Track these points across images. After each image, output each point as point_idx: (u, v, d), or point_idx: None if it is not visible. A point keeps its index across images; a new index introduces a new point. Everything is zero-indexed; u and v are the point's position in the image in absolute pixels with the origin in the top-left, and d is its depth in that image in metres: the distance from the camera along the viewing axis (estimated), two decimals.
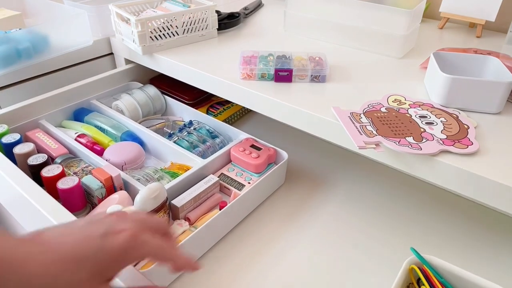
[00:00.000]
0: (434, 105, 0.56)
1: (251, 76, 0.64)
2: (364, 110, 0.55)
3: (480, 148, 0.47)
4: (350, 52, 0.75)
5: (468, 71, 0.61)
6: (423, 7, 0.75)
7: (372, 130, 0.50)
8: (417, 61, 0.72)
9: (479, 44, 0.82)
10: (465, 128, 0.51)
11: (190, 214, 0.62)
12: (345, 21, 0.76)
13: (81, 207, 0.61)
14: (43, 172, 0.60)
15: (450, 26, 0.91)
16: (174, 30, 0.76)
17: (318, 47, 0.77)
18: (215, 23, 0.81)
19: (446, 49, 0.73)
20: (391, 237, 0.63)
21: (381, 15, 0.71)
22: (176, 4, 0.83)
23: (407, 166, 0.49)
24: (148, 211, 0.56)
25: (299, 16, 0.81)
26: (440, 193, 0.72)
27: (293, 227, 0.64)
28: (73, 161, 0.66)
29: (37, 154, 0.65)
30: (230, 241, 0.62)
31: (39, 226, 0.34)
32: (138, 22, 0.71)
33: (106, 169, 0.62)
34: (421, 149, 0.46)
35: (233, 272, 0.57)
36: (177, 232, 0.59)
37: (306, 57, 0.67)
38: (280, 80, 0.63)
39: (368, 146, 0.48)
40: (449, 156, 0.46)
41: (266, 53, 0.68)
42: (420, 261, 0.49)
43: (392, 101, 0.57)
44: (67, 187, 0.58)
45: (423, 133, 0.49)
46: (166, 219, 0.60)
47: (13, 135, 0.67)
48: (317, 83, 0.63)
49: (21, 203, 0.55)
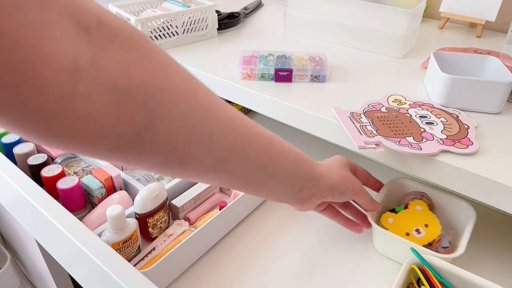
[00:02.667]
0: (434, 105, 0.56)
1: (251, 76, 0.64)
2: (364, 110, 0.55)
3: (480, 148, 0.47)
4: (350, 52, 0.75)
5: (468, 71, 0.61)
6: (423, 7, 0.75)
7: (372, 130, 0.50)
8: (417, 61, 0.72)
9: (479, 44, 0.82)
10: (465, 128, 0.51)
11: (190, 214, 0.62)
12: (345, 21, 0.76)
13: (81, 207, 0.61)
14: (43, 172, 0.60)
15: (450, 26, 0.91)
16: (174, 30, 0.76)
17: (318, 47, 0.77)
18: (215, 23, 0.81)
19: (446, 49, 0.73)
20: None
21: (381, 15, 0.71)
22: (176, 4, 0.83)
23: (407, 166, 0.49)
24: (148, 211, 0.56)
25: (299, 16, 0.81)
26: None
27: (293, 227, 0.64)
28: (73, 161, 0.66)
29: (37, 154, 0.65)
30: (230, 241, 0.62)
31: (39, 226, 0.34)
32: (138, 22, 0.71)
33: (106, 169, 0.62)
34: (421, 149, 0.46)
35: (233, 272, 0.57)
36: (177, 232, 0.59)
37: (306, 57, 0.67)
38: (280, 80, 0.63)
39: (368, 146, 0.48)
40: (449, 156, 0.46)
41: (266, 53, 0.68)
42: (420, 261, 0.49)
43: (392, 101, 0.57)
44: (67, 187, 0.58)
45: (423, 133, 0.49)
46: (166, 219, 0.60)
47: (13, 135, 0.67)
48: (317, 83, 0.63)
49: (21, 203, 0.55)
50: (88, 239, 0.48)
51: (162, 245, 0.57)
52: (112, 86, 0.24)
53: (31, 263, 0.99)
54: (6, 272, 1.09)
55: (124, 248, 0.52)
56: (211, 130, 0.31)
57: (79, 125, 0.23)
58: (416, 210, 0.57)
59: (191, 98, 0.29)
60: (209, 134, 0.31)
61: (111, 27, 0.25)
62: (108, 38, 0.24)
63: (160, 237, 0.58)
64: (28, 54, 0.19)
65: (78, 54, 0.22)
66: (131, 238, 0.53)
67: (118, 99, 0.24)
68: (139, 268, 0.52)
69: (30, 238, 0.81)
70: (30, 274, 1.10)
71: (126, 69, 0.25)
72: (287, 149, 0.40)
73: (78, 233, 0.49)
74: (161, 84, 0.27)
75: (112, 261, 0.46)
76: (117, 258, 0.46)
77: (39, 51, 0.20)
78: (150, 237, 0.58)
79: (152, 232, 0.58)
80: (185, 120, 0.29)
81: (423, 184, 0.62)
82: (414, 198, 0.59)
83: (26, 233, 0.82)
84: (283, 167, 0.39)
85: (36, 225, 0.58)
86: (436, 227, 0.55)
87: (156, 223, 0.57)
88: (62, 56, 0.21)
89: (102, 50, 0.23)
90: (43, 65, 0.20)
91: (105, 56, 0.23)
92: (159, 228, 0.58)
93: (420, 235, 0.54)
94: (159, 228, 0.58)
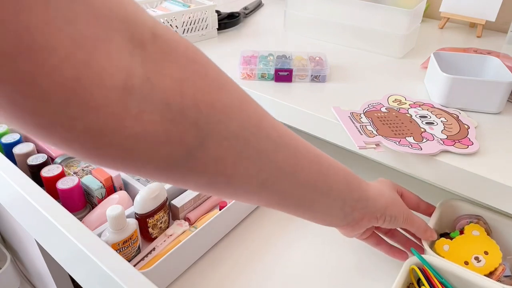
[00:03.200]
0: (435, 105, 0.56)
1: (251, 76, 0.64)
2: (364, 110, 0.55)
3: (480, 148, 0.47)
4: (350, 52, 0.75)
5: (469, 71, 0.61)
6: (423, 7, 0.75)
7: (372, 130, 0.50)
8: (418, 61, 0.71)
9: (479, 44, 0.82)
10: (466, 128, 0.51)
11: (190, 214, 0.62)
12: (345, 21, 0.76)
13: (81, 207, 0.61)
14: (43, 172, 0.60)
15: (451, 26, 0.91)
16: (174, 30, 0.76)
17: (318, 47, 0.77)
18: (215, 23, 0.81)
19: (447, 49, 0.73)
20: None
21: (381, 15, 0.71)
22: (176, 4, 0.83)
23: (407, 166, 0.49)
24: (148, 211, 0.56)
25: (299, 16, 0.81)
26: (440, 193, 0.72)
27: (293, 227, 0.64)
28: (73, 161, 0.66)
29: (37, 154, 0.65)
30: (230, 241, 0.61)
31: (39, 226, 0.34)
32: None
33: (106, 169, 0.62)
34: (421, 149, 0.46)
35: (233, 272, 0.57)
36: (177, 232, 0.58)
37: (306, 57, 0.67)
38: (280, 80, 0.63)
39: (368, 146, 0.48)
40: (449, 156, 0.46)
41: (266, 53, 0.68)
42: (420, 261, 0.49)
43: (392, 101, 0.57)
44: (67, 187, 0.58)
45: (424, 133, 0.49)
46: (166, 220, 0.60)
47: (13, 135, 0.67)
48: (317, 83, 0.63)
49: (21, 203, 0.55)
50: (88, 239, 0.48)
51: (162, 245, 0.57)
52: (164, 104, 0.23)
53: (31, 263, 0.99)
54: (6, 272, 1.09)
55: (124, 248, 0.52)
56: (261, 149, 0.29)
57: (129, 145, 0.22)
58: (473, 235, 0.53)
59: (243, 115, 0.28)
60: (259, 153, 0.29)
61: (166, 40, 0.23)
62: (163, 53, 0.23)
63: (160, 237, 0.58)
64: (78, 71, 0.18)
65: (131, 71, 0.21)
66: (131, 238, 0.53)
67: (169, 118, 0.23)
68: (139, 268, 0.52)
69: (30, 238, 0.81)
70: (30, 274, 1.10)
71: (179, 87, 0.23)
72: (336, 167, 0.38)
73: (78, 233, 0.49)
74: (214, 101, 0.25)
75: (112, 261, 0.45)
76: (117, 258, 0.46)
77: (90, 68, 0.19)
78: (150, 237, 0.58)
79: (152, 232, 0.58)
80: (236, 138, 0.27)
81: (478, 206, 0.56)
82: (470, 221, 0.55)
83: (26, 233, 0.82)
84: (333, 187, 0.37)
85: (36, 225, 0.58)
86: (497, 254, 0.50)
87: (156, 223, 0.57)
88: (114, 74, 0.20)
89: (156, 67, 0.22)
90: (93, 83, 0.19)
91: (159, 73, 0.22)
92: (159, 228, 0.58)
93: (480, 263, 0.50)
94: (159, 228, 0.58)
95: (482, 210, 0.56)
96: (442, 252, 0.52)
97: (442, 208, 0.57)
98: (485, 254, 0.50)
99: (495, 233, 0.55)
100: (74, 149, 0.22)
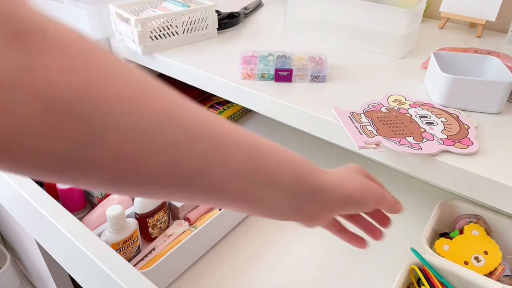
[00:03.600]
0: (435, 105, 0.56)
1: (251, 76, 0.64)
2: (364, 110, 0.55)
3: (480, 148, 0.47)
4: (350, 52, 0.75)
5: (469, 71, 0.61)
6: (423, 7, 0.75)
7: (372, 130, 0.50)
8: (418, 61, 0.71)
9: (479, 44, 0.82)
10: (466, 128, 0.51)
11: (190, 214, 0.62)
12: (345, 21, 0.76)
13: (80, 207, 0.61)
14: None
15: (451, 26, 0.91)
16: (174, 30, 0.76)
17: (318, 47, 0.77)
18: (215, 23, 0.81)
19: (447, 49, 0.73)
20: (391, 237, 0.63)
21: (381, 15, 0.71)
22: (176, 4, 0.83)
23: (407, 166, 0.49)
24: (148, 211, 0.56)
25: (299, 16, 0.81)
26: (440, 193, 0.72)
27: (293, 227, 0.64)
28: None
29: None
30: (230, 241, 0.61)
31: (39, 226, 0.34)
32: (138, 22, 0.71)
33: None
34: (421, 149, 0.46)
35: (233, 272, 0.57)
36: (177, 232, 0.59)
37: (306, 57, 0.67)
38: (280, 80, 0.63)
39: (368, 146, 0.48)
40: (449, 156, 0.46)
41: (266, 53, 0.68)
42: (420, 261, 0.49)
43: (392, 101, 0.57)
44: (67, 187, 0.58)
45: (424, 133, 0.49)
46: (166, 220, 0.60)
47: None
48: (317, 83, 0.63)
49: (21, 203, 0.55)
50: (88, 239, 0.48)
51: (162, 245, 0.57)
52: (46, 97, 0.22)
53: (31, 263, 0.99)
54: (6, 272, 1.09)
55: (124, 248, 0.52)
56: (174, 139, 0.28)
57: (4, 143, 0.21)
58: (473, 235, 0.53)
59: (148, 105, 0.26)
60: (172, 144, 0.27)
61: (49, 33, 0.23)
62: (51, 46, 0.22)
63: (160, 237, 0.58)
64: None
65: (8, 65, 0.20)
66: (131, 238, 0.53)
67: (52, 112, 0.22)
68: (139, 268, 0.52)
69: (30, 238, 0.81)
70: (30, 274, 1.10)
71: (65, 78, 0.22)
72: (280, 157, 0.35)
73: (78, 233, 0.49)
74: (106, 92, 0.24)
75: (112, 261, 0.45)
76: (117, 258, 0.46)
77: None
78: (150, 237, 0.58)
79: (152, 232, 0.58)
80: (139, 131, 0.26)
81: (478, 206, 0.56)
82: (470, 221, 0.55)
83: (26, 233, 0.82)
84: (277, 179, 0.34)
85: (36, 225, 0.58)
86: (497, 254, 0.50)
87: (156, 223, 0.57)
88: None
89: (42, 60, 0.22)
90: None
91: (41, 65, 0.22)
92: (159, 228, 0.58)
93: (480, 263, 0.50)
94: (159, 228, 0.58)
95: (482, 210, 0.56)
96: (441, 252, 0.52)
97: (441, 208, 0.57)
98: (485, 254, 0.51)
99: (495, 233, 0.55)
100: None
